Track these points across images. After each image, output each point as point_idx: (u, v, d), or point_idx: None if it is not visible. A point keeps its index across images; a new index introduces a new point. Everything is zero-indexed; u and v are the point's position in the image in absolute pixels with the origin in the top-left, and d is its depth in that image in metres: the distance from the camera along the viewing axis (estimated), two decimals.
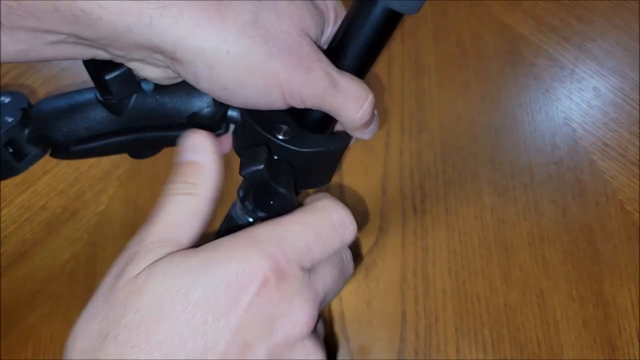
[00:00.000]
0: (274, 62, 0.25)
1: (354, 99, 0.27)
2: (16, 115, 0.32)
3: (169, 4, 0.23)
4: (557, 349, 0.40)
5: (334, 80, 0.26)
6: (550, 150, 0.47)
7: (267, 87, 0.26)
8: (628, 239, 0.44)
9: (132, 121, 0.31)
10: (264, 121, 0.29)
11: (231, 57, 0.24)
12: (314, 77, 0.26)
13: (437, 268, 0.43)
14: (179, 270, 0.21)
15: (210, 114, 0.30)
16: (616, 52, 0.51)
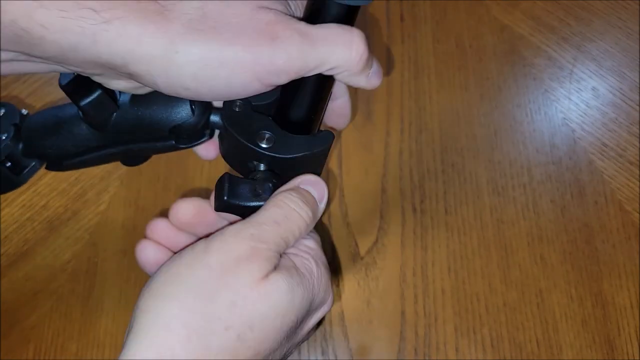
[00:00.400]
0: (231, 47, 0.24)
1: (338, 41, 0.25)
2: (9, 130, 0.33)
3: (111, 17, 0.23)
4: (556, 349, 0.41)
5: (306, 35, 0.25)
6: (549, 150, 0.47)
7: (233, 75, 0.25)
8: (627, 238, 0.44)
9: (116, 136, 0.31)
10: (245, 130, 0.28)
11: (183, 55, 0.24)
12: (281, 41, 0.24)
13: (437, 268, 0.43)
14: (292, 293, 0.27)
15: (193, 124, 0.30)
16: (615, 52, 0.51)
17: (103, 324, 0.42)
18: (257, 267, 0.25)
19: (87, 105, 0.28)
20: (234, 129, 0.28)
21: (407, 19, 0.53)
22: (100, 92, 0.28)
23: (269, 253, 0.26)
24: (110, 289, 0.43)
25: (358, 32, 0.26)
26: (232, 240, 0.26)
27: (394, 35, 0.52)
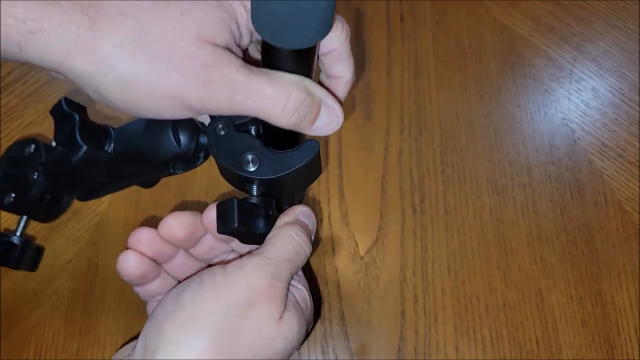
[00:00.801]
0: (162, 80, 0.24)
1: (271, 101, 0.25)
2: (39, 169, 0.35)
3: (36, 28, 0.22)
4: (556, 348, 0.41)
5: (240, 88, 0.24)
6: (549, 151, 0.47)
7: (161, 104, 0.25)
8: (626, 238, 0.44)
9: (119, 173, 0.32)
10: (230, 155, 0.28)
11: (112, 79, 0.23)
12: (213, 88, 0.24)
13: (437, 267, 0.43)
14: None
15: (182, 154, 0.30)
16: (615, 52, 0.51)
17: (104, 323, 0.42)
18: (275, 308, 0.28)
19: (77, 161, 0.29)
20: (219, 157, 0.28)
21: (407, 19, 0.53)
22: (86, 149, 0.29)
23: (284, 291, 0.28)
24: (110, 288, 0.43)
25: (297, 93, 0.25)
26: (254, 277, 0.28)
27: (394, 35, 0.52)
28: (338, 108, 0.28)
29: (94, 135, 0.30)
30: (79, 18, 0.23)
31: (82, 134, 0.29)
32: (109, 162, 0.30)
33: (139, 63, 0.23)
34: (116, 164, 0.31)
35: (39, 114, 0.48)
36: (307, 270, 0.43)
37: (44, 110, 0.48)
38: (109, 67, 0.23)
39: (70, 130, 0.29)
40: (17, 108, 0.48)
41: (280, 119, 0.26)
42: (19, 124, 0.48)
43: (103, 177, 0.32)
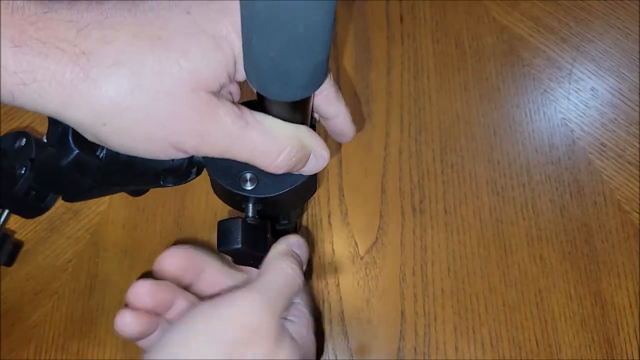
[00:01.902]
0: (161, 130, 0.24)
1: (263, 155, 0.26)
2: (27, 164, 0.35)
3: (29, 80, 0.22)
4: (555, 348, 0.41)
5: (235, 141, 0.25)
6: (548, 150, 0.47)
7: (159, 149, 0.25)
8: (626, 238, 0.44)
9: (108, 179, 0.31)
10: (227, 174, 0.28)
11: (110, 128, 0.23)
12: (209, 139, 0.25)
13: (436, 267, 0.43)
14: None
15: (175, 168, 0.30)
16: (614, 52, 0.51)
17: (104, 323, 0.42)
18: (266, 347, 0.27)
19: (68, 164, 0.29)
20: (216, 176, 0.28)
21: (407, 19, 0.53)
22: (77, 153, 0.29)
23: (279, 327, 0.28)
24: (111, 288, 0.43)
25: (289, 149, 0.26)
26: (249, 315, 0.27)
27: (394, 36, 0.52)
28: (326, 153, 0.29)
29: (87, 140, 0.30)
30: (72, 69, 0.22)
31: (75, 137, 0.29)
32: (99, 168, 0.30)
33: (135, 115, 0.23)
34: (106, 171, 0.30)
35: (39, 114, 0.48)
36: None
37: None
38: (106, 118, 0.23)
39: (63, 132, 0.29)
40: (16, 108, 0.48)
41: (270, 169, 0.27)
42: (19, 124, 0.48)
43: (91, 182, 0.32)
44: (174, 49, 0.23)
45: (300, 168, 0.28)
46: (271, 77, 0.22)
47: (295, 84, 0.23)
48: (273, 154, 0.26)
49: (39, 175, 0.34)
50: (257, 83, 0.23)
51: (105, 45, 0.22)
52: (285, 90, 0.23)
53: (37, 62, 0.22)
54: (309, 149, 0.27)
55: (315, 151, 0.28)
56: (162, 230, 0.45)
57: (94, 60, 0.22)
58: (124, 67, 0.22)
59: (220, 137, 0.25)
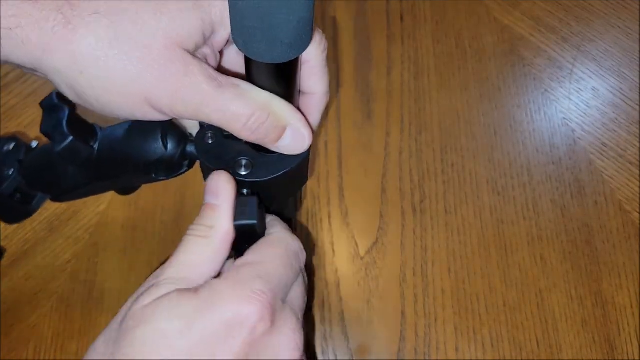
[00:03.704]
0: (135, 84, 0.24)
1: (233, 117, 0.26)
2: (15, 166, 0.35)
3: (14, 25, 0.23)
4: (556, 348, 0.41)
5: (207, 100, 0.25)
6: (549, 150, 0.47)
7: (133, 105, 0.25)
8: (627, 238, 0.44)
9: (99, 173, 0.32)
10: (221, 161, 0.28)
11: (86, 77, 0.24)
12: (182, 97, 0.25)
13: (437, 267, 0.43)
14: (175, 312, 0.23)
15: (167, 159, 0.30)
16: (615, 52, 0.51)
17: (103, 323, 0.42)
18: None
19: (61, 151, 0.29)
20: (211, 163, 0.29)
21: (407, 19, 0.53)
22: (72, 139, 0.29)
23: (163, 285, 0.26)
24: (110, 288, 0.43)
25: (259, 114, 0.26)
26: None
27: (394, 35, 0.52)
28: (305, 131, 0.28)
29: (81, 129, 0.30)
30: (55, 16, 0.23)
31: (69, 125, 0.29)
32: (91, 159, 0.31)
33: (112, 64, 0.24)
34: (98, 163, 0.31)
35: (39, 113, 0.47)
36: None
37: None
38: (84, 65, 0.24)
39: (58, 120, 0.29)
40: (16, 108, 0.48)
41: (241, 134, 0.26)
42: (19, 124, 0.48)
43: (82, 177, 0.32)
44: (153, 4, 0.24)
45: (273, 139, 0.27)
46: (256, 34, 0.23)
47: (280, 41, 0.23)
48: (243, 117, 0.25)
49: (27, 175, 0.35)
50: (242, 41, 0.23)
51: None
52: (271, 48, 0.23)
53: (24, 8, 0.23)
54: (283, 120, 0.27)
55: (292, 126, 0.27)
56: (161, 230, 0.45)
57: (76, 9, 0.23)
58: (104, 18, 0.23)
59: (192, 94, 0.25)
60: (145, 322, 0.23)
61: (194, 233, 0.27)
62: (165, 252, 0.44)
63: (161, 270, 0.26)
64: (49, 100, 0.30)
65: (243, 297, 0.24)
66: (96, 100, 0.25)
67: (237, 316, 0.24)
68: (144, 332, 0.23)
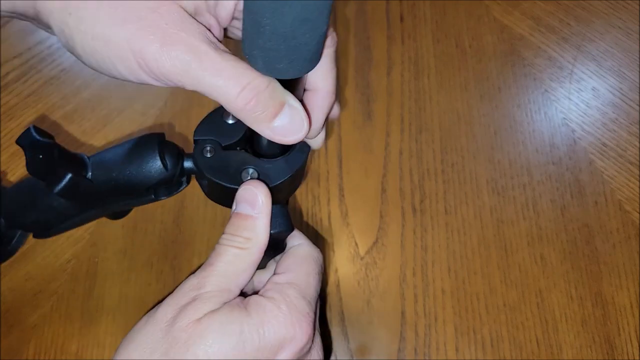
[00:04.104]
0: (121, 30, 0.23)
1: (229, 80, 0.23)
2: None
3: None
4: (556, 348, 0.41)
5: (200, 57, 0.23)
6: (549, 150, 0.47)
7: (118, 57, 0.23)
8: (627, 238, 0.44)
9: (95, 202, 0.30)
10: (226, 173, 0.28)
11: (74, 19, 0.23)
12: (172, 50, 0.23)
13: (437, 267, 0.43)
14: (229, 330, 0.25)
15: (168, 178, 0.29)
16: (615, 52, 0.51)
17: (103, 323, 0.42)
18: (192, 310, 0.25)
19: (60, 191, 0.28)
20: (215, 177, 0.28)
21: (407, 19, 0.53)
22: (70, 177, 0.28)
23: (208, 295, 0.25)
24: (110, 289, 0.43)
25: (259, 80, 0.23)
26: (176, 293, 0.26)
27: (394, 35, 0.52)
28: (302, 113, 0.25)
29: (73, 163, 0.29)
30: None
31: (61, 162, 0.28)
32: (87, 190, 0.29)
33: (99, 5, 0.23)
34: (95, 192, 0.29)
35: (39, 114, 0.48)
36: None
37: (43, 110, 0.48)
38: (72, 6, 0.23)
39: (48, 159, 0.28)
40: (16, 108, 0.48)
41: (235, 103, 0.24)
42: (18, 124, 0.48)
43: (74, 208, 0.30)
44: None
45: (269, 115, 0.25)
46: (280, 55, 0.22)
47: (303, 58, 0.23)
48: (242, 80, 0.23)
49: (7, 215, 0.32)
50: (264, 63, 0.23)
51: None
52: (293, 66, 0.23)
53: None
54: (282, 95, 0.25)
55: (291, 105, 0.25)
56: (161, 230, 0.45)
57: None
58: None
59: (184, 50, 0.23)
60: (201, 337, 0.24)
61: (231, 244, 0.27)
62: (165, 252, 0.44)
63: (200, 280, 0.26)
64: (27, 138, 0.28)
65: (295, 319, 0.26)
66: (82, 48, 0.24)
67: (291, 337, 0.25)
68: (199, 348, 0.24)
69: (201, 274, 0.26)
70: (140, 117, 0.48)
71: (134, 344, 0.25)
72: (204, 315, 0.25)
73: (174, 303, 0.25)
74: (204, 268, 0.26)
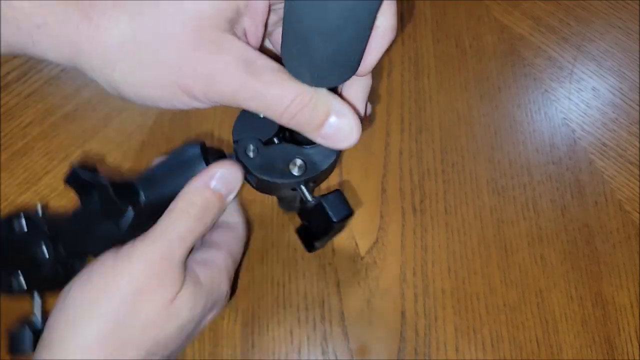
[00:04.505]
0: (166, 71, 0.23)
1: (273, 101, 0.24)
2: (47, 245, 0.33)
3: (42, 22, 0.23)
4: (556, 348, 0.41)
5: (243, 86, 0.23)
6: (549, 150, 0.47)
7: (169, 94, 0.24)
8: (627, 238, 0.44)
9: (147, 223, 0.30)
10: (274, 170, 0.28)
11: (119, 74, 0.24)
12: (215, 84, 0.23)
13: (437, 267, 0.43)
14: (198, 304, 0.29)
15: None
16: (615, 52, 0.51)
17: None
18: (166, 292, 0.27)
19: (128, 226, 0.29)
20: (266, 176, 0.28)
21: (407, 19, 0.53)
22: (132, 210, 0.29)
23: (176, 273, 0.27)
24: None
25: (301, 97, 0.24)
26: (142, 265, 0.27)
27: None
28: (352, 120, 0.25)
29: (128, 194, 0.29)
30: (77, 13, 0.23)
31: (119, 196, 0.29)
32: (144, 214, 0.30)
33: (140, 58, 0.23)
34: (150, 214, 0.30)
35: (39, 113, 0.48)
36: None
37: (43, 110, 0.48)
38: (114, 63, 0.23)
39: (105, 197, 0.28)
40: (16, 108, 0.48)
41: (282, 119, 0.25)
42: (19, 124, 0.48)
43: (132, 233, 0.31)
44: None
45: (316, 126, 0.25)
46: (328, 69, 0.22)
47: (350, 67, 0.23)
48: (284, 100, 0.24)
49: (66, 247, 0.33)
50: (312, 79, 0.23)
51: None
52: (341, 76, 0.23)
53: (47, 5, 0.23)
54: (327, 104, 0.25)
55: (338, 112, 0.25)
56: None
57: (95, 4, 0.23)
58: (124, 10, 0.23)
59: (227, 81, 0.23)
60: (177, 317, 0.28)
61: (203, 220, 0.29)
62: None
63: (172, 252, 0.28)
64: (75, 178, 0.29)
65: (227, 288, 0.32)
66: (134, 94, 0.25)
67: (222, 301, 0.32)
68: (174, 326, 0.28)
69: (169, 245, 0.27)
70: (140, 117, 0.48)
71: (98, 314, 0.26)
72: (176, 298, 0.27)
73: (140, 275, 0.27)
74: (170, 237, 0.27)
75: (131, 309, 0.26)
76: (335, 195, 0.28)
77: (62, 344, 0.26)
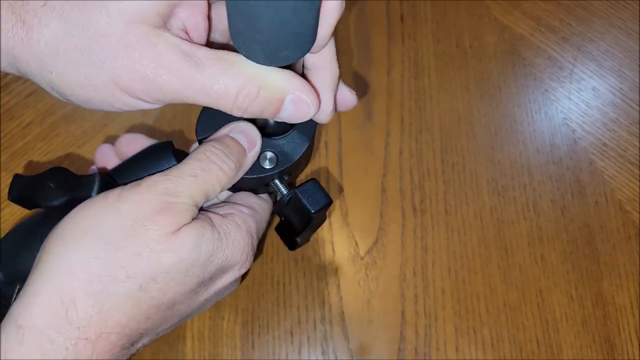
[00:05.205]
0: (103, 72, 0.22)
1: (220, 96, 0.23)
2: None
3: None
4: (556, 348, 0.41)
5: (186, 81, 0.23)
6: (549, 150, 0.47)
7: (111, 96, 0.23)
8: (627, 238, 0.44)
9: None
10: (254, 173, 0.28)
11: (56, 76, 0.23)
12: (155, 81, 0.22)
13: (437, 267, 0.43)
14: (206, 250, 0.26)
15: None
16: (615, 52, 0.51)
17: None
18: (168, 220, 0.24)
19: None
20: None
21: (407, 19, 0.53)
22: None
23: (183, 207, 0.25)
24: None
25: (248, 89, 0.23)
26: (146, 192, 0.25)
27: (394, 35, 0.52)
28: (308, 97, 0.25)
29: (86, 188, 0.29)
30: (9, 16, 0.22)
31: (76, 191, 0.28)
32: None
33: (74, 58, 0.22)
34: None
35: (39, 113, 0.48)
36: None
37: (43, 110, 0.48)
38: (50, 65, 0.23)
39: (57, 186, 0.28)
40: (16, 108, 0.48)
41: (233, 112, 0.24)
42: (18, 124, 0.48)
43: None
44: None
45: (272, 113, 0.25)
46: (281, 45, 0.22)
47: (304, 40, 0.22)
48: (230, 94, 0.23)
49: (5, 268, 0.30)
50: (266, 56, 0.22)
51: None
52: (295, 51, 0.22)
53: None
54: (279, 91, 0.24)
55: (292, 94, 0.24)
56: None
57: (26, 4, 0.22)
58: (53, 9, 0.22)
59: (167, 78, 0.22)
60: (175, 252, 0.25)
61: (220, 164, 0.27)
62: None
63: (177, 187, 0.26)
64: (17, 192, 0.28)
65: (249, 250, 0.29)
66: (75, 96, 0.24)
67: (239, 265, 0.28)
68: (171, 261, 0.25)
69: (178, 180, 0.25)
70: (140, 117, 0.48)
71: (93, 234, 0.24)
72: (179, 230, 0.24)
73: (144, 202, 0.25)
74: (182, 174, 0.26)
75: (126, 234, 0.24)
76: (311, 184, 0.28)
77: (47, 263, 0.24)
